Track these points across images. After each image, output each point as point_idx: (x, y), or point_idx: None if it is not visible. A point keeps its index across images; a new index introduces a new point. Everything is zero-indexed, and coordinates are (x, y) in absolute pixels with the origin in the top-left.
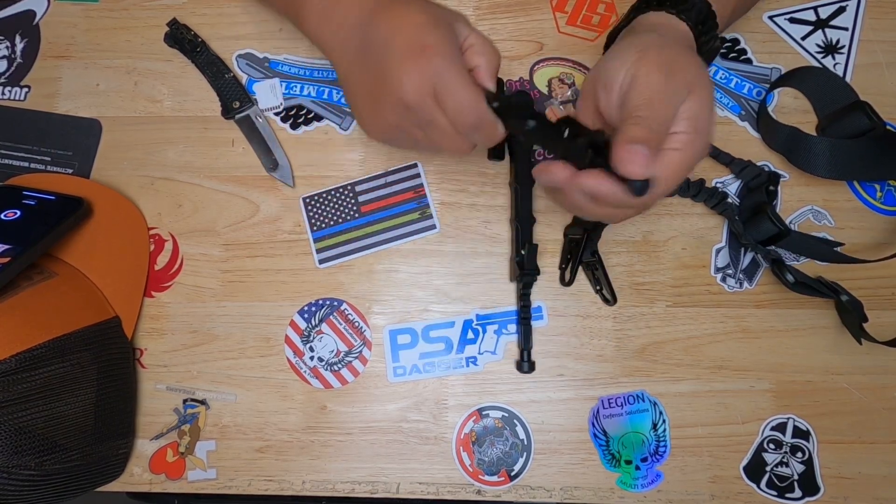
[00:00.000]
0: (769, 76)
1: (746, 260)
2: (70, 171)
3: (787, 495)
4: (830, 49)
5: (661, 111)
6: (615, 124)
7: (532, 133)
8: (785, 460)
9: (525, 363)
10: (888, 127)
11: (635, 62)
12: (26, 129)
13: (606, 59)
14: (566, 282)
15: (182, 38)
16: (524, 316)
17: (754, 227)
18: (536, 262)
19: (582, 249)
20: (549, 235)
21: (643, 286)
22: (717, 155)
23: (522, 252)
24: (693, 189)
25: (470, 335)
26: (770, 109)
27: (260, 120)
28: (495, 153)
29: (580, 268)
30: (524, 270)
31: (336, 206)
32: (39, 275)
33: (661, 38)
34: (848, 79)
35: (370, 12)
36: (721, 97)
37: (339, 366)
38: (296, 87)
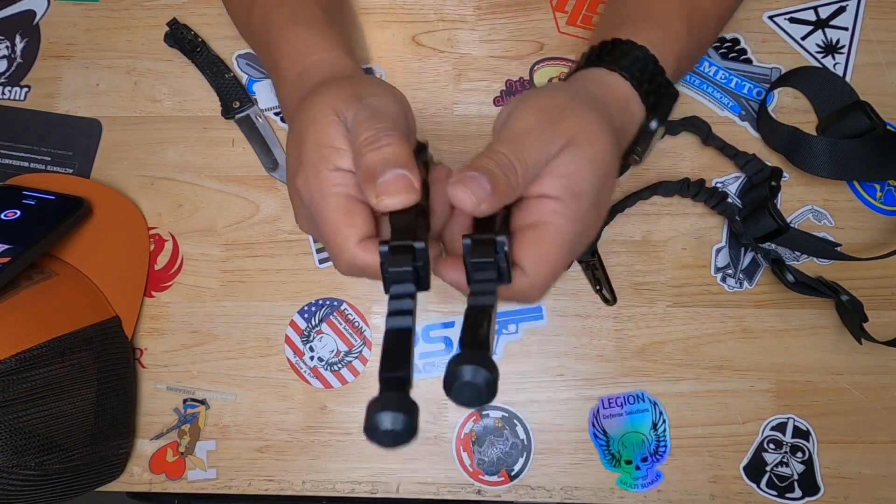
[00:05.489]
0: (769, 76)
1: (746, 260)
2: (70, 171)
3: (787, 495)
4: (830, 49)
5: (520, 154)
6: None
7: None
8: (785, 460)
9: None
10: (888, 127)
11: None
12: (26, 129)
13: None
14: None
15: (182, 38)
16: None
17: (754, 222)
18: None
19: None
20: None
21: (643, 286)
22: (723, 147)
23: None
24: (693, 189)
25: None
26: (770, 109)
27: (260, 120)
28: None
29: (581, 267)
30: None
31: None
32: (39, 275)
33: (566, 93)
34: (848, 79)
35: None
36: (721, 97)
37: (339, 366)
38: None
